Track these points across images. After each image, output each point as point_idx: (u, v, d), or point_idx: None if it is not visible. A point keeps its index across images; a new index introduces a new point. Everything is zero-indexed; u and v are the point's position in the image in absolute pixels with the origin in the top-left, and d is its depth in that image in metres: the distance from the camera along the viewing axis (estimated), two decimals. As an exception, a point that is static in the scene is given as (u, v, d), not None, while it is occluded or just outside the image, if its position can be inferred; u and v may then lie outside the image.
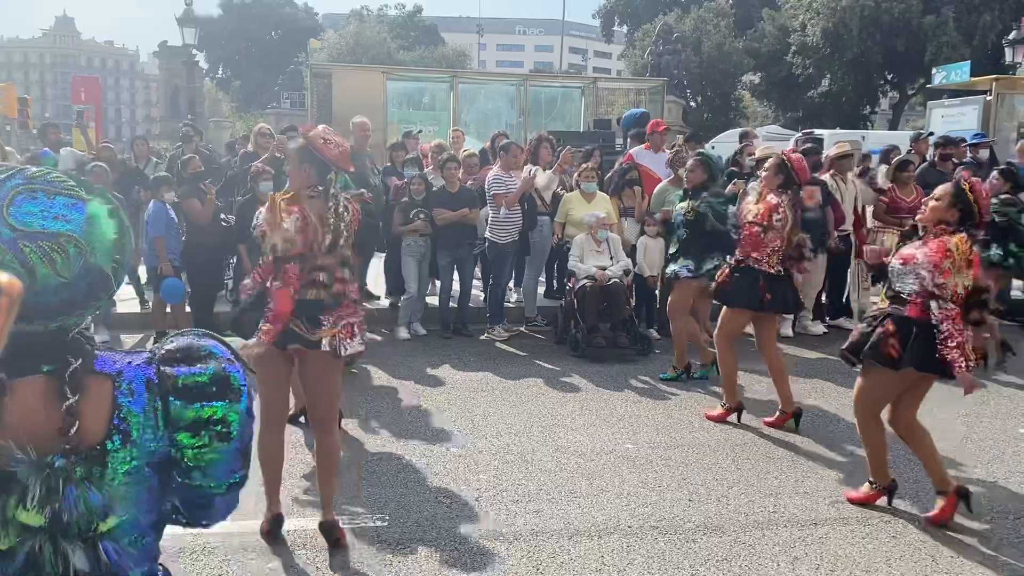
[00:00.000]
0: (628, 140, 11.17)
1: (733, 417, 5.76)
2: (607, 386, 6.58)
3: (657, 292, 8.09)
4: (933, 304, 3.89)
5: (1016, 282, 9.08)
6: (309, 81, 17.27)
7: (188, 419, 1.27)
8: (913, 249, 4.07)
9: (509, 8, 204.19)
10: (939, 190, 4.11)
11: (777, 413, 5.67)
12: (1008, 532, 4.13)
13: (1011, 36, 20.71)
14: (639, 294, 8.21)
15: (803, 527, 4.13)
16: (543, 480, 4.69)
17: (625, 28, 47.64)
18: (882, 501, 4.40)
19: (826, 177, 8.21)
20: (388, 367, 6.99)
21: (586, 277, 7.53)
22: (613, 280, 7.51)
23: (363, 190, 6.55)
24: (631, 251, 7.96)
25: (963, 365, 3.79)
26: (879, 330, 4.05)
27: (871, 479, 4.41)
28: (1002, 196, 7.26)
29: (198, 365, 1.30)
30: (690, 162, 6.60)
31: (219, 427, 1.28)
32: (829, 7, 31.05)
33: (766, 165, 5.63)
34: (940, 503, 4.20)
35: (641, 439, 5.38)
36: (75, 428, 1.21)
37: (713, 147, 17.96)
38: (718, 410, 5.83)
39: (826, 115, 34.03)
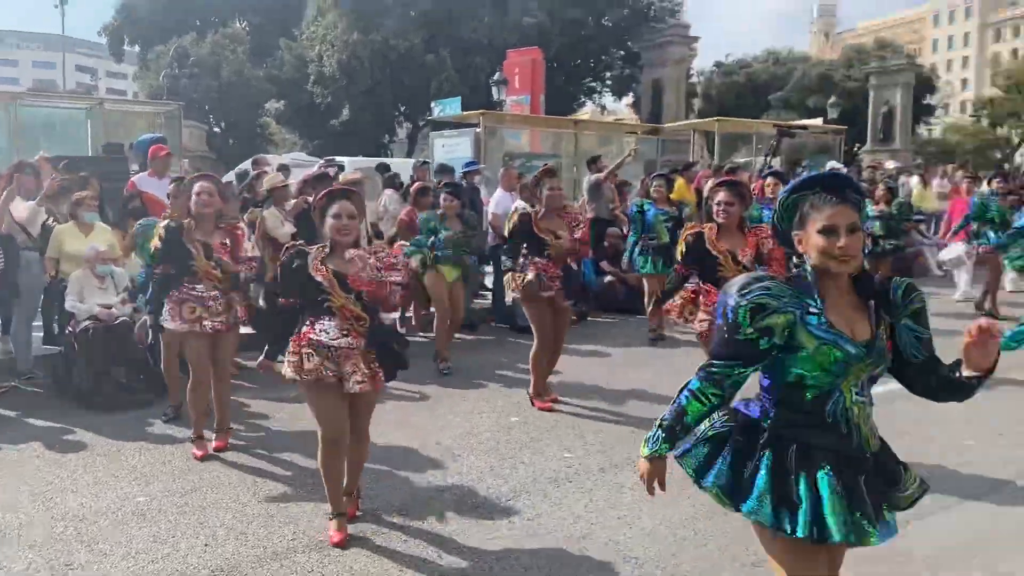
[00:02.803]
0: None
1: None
2: (119, 436, 5.98)
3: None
4: None
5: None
6: None
7: None
8: None
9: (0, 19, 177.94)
10: None
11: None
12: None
13: (495, 77, 23.87)
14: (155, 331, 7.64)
15: (322, 550, 4.14)
16: (32, 558, 4.06)
17: (137, 48, 44.54)
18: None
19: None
20: None
21: (88, 317, 6.79)
22: (121, 318, 6.89)
23: None
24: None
25: None
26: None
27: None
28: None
29: None
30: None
31: None
32: (342, 39, 32.59)
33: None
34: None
35: (155, 489, 4.96)
36: None
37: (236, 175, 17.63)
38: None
39: (350, 143, 35.64)
